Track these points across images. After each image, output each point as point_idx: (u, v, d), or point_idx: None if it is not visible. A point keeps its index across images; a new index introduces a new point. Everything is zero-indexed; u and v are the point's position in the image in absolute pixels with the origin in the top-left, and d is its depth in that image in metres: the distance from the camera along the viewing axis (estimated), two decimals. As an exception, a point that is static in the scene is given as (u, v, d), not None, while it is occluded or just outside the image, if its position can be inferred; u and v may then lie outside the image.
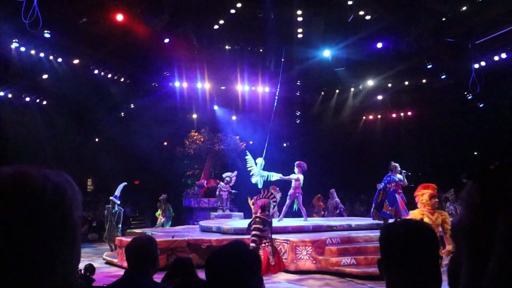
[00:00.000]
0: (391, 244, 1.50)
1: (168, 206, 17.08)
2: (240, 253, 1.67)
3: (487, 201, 0.62)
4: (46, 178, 0.81)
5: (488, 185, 0.62)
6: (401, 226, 1.55)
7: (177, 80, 20.36)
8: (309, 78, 21.96)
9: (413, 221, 1.58)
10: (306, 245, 10.08)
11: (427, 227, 1.53)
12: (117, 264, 11.25)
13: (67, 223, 0.82)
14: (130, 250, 2.78)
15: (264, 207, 7.75)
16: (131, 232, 13.62)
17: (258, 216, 7.78)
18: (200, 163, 20.98)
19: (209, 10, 16.32)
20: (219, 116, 22.44)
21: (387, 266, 1.49)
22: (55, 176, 0.84)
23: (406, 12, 15.54)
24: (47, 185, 0.80)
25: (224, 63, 19.28)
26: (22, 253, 0.76)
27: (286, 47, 17.94)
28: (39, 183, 0.80)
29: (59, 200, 0.81)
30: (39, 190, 0.79)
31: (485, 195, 0.62)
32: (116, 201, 13.42)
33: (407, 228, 1.52)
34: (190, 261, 4.09)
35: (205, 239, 10.76)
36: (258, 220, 7.70)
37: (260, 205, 7.76)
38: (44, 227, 0.78)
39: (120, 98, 20.72)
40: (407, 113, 23.82)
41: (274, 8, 16.08)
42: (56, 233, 0.80)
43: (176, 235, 11.48)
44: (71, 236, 0.83)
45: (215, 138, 20.78)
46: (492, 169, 0.63)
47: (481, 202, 0.63)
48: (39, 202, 0.78)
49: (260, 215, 7.71)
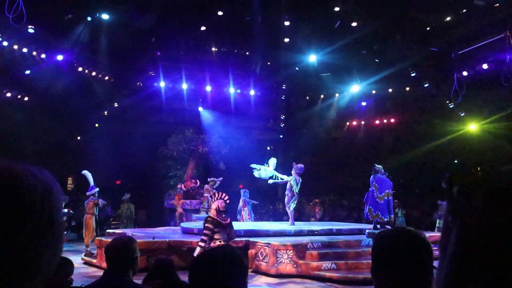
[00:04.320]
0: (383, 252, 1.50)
1: (130, 206, 17.03)
2: (226, 257, 1.66)
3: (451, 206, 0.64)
4: (34, 176, 0.80)
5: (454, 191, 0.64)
6: (394, 235, 1.55)
7: (162, 81, 20.25)
8: (294, 83, 22.07)
9: (406, 230, 1.57)
10: (287, 249, 10.10)
11: (420, 236, 1.53)
12: (96, 264, 11.11)
13: (54, 221, 0.81)
14: (110, 250, 2.74)
15: (218, 208, 7.71)
16: (111, 233, 13.46)
17: (209, 216, 7.76)
18: (183, 164, 20.88)
19: (197, 11, 16.29)
20: (204, 118, 22.38)
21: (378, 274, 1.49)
22: (41, 174, 0.82)
23: (391, 21, 15.74)
24: (37, 183, 0.79)
25: (210, 65, 19.26)
26: (10, 252, 0.75)
27: (272, 51, 18.01)
28: (29, 181, 0.78)
29: (47, 199, 0.80)
30: (30, 189, 0.78)
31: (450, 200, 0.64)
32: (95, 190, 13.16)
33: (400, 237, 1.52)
34: (171, 262, 4.06)
35: (186, 241, 10.70)
36: (209, 220, 7.66)
37: (215, 207, 7.73)
38: (32, 226, 0.77)
39: (104, 96, 20.51)
40: (390, 120, 24.08)
41: (261, 12, 16.13)
42: (44, 232, 0.78)
43: (157, 236, 11.39)
44: (57, 235, 0.82)
45: (199, 139, 20.70)
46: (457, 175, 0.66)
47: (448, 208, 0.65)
48: (29, 201, 0.77)
49: (213, 215, 7.68)
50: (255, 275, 10.22)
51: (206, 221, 7.69)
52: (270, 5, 16.11)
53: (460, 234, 0.61)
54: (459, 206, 0.63)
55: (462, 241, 0.61)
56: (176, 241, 10.94)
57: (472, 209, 0.60)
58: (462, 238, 0.61)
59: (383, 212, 11.63)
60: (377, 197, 11.74)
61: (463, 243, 0.61)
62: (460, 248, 0.61)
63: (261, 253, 10.43)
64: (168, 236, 11.58)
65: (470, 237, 0.60)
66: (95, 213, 13.13)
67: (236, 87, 21.43)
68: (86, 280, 8.08)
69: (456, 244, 0.61)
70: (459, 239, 0.61)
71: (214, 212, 7.78)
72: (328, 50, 17.55)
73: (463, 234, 0.61)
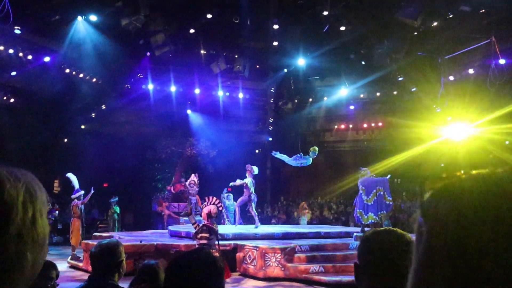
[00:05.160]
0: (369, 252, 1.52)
1: (113, 210, 16.97)
2: (200, 259, 1.66)
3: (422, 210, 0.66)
4: (17, 178, 0.79)
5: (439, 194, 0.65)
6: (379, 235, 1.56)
7: (150, 83, 20.14)
8: (283, 86, 22.12)
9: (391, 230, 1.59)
10: (275, 252, 10.09)
11: (404, 236, 1.55)
12: (83, 268, 11.00)
13: (37, 224, 0.80)
14: (95, 254, 2.72)
15: (210, 214, 7.70)
16: (98, 236, 13.33)
17: (205, 225, 7.73)
18: (171, 167, 20.79)
19: (186, 13, 16.27)
20: (192, 121, 22.31)
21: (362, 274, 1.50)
22: (23, 176, 0.81)
23: (379, 25, 15.87)
24: (19, 186, 0.78)
25: (199, 67, 19.21)
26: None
27: (261, 55, 18.04)
28: (11, 183, 0.78)
29: (30, 201, 0.79)
30: (11, 191, 0.77)
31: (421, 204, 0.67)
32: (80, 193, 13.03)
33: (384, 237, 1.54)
34: (158, 266, 4.03)
35: (174, 244, 10.66)
36: (205, 228, 7.65)
37: (207, 212, 7.71)
38: (15, 228, 0.76)
39: (91, 98, 20.33)
40: (377, 124, 24.24)
41: (250, 15, 16.16)
42: (27, 235, 0.78)
43: (145, 239, 11.32)
44: (41, 237, 0.81)
45: (187, 142, 20.63)
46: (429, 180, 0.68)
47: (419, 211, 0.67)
48: (11, 203, 0.76)
49: (207, 223, 7.66)
50: (243, 278, 10.20)
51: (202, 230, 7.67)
52: (259, 9, 16.16)
53: (427, 237, 0.63)
54: (429, 210, 0.64)
55: (428, 245, 0.63)
56: (164, 244, 10.88)
57: (439, 213, 0.62)
58: (429, 242, 0.63)
59: (376, 212, 11.67)
60: (365, 200, 11.82)
61: (429, 246, 0.63)
62: (426, 251, 0.63)
63: (249, 256, 10.41)
64: (156, 239, 11.52)
65: (435, 241, 0.62)
66: (81, 216, 13.00)
67: (224, 90, 21.42)
68: (72, 284, 8.00)
69: (423, 247, 0.63)
70: (426, 243, 0.63)
71: (205, 216, 7.76)
72: (317, 54, 17.63)
73: (430, 237, 0.63)
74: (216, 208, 7.80)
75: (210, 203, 7.87)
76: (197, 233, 7.86)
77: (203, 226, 7.75)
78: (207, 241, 7.59)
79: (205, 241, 7.61)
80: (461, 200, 0.61)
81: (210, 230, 7.63)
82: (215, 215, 7.78)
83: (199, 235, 7.75)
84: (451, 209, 0.61)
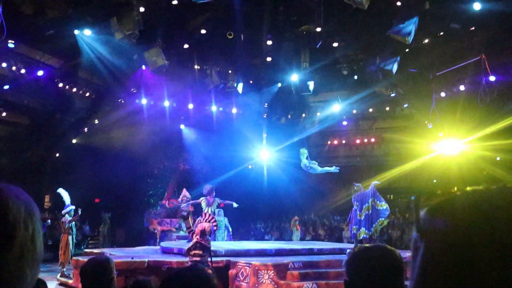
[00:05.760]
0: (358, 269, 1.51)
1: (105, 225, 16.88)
2: (194, 277, 1.64)
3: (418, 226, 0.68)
4: (18, 197, 0.80)
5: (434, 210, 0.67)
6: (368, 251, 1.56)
7: (144, 98, 20.13)
8: (276, 101, 22.21)
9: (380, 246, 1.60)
10: (268, 269, 10.00)
11: (393, 253, 1.55)
12: (72, 285, 10.83)
13: (36, 241, 0.82)
14: (85, 270, 2.67)
15: (204, 231, 7.64)
16: (89, 252, 13.17)
17: (198, 241, 7.68)
18: (163, 182, 20.68)
19: (180, 29, 16.37)
20: (185, 136, 22.28)
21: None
22: (21, 194, 0.83)
23: (371, 42, 16.06)
24: (21, 204, 0.80)
25: (193, 82, 19.26)
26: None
27: (254, 70, 18.14)
28: (14, 202, 0.79)
29: (30, 219, 0.81)
30: (15, 210, 0.78)
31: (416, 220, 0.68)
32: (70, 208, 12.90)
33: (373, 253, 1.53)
34: (150, 283, 3.97)
35: (166, 261, 10.53)
36: (198, 245, 7.60)
37: (200, 229, 7.65)
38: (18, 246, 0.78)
39: (84, 113, 20.28)
40: (370, 140, 24.36)
41: (244, 30, 16.29)
42: (27, 252, 0.79)
43: (136, 256, 11.19)
44: (38, 254, 0.83)
45: (180, 157, 20.56)
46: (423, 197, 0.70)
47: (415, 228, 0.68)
48: (15, 222, 0.77)
49: (199, 240, 7.61)
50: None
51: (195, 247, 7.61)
52: (252, 25, 16.31)
53: (424, 254, 0.64)
54: (424, 226, 0.66)
55: (425, 261, 0.64)
56: (156, 261, 10.74)
57: (435, 230, 0.64)
58: (426, 258, 0.64)
59: (368, 227, 11.65)
60: (358, 215, 11.82)
61: (426, 263, 0.64)
62: (423, 268, 0.64)
63: (241, 273, 10.31)
64: (148, 256, 11.38)
65: (432, 257, 0.63)
66: (72, 232, 12.85)
67: (218, 105, 21.45)
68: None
69: (420, 263, 0.65)
70: (423, 259, 0.64)
71: (198, 232, 7.70)
72: (310, 70, 17.75)
73: (427, 254, 0.64)
74: (210, 226, 7.76)
75: (205, 220, 7.83)
76: (189, 249, 7.78)
77: (196, 243, 7.69)
78: (199, 258, 7.53)
79: (198, 258, 7.54)
80: (457, 216, 0.63)
81: (203, 247, 7.57)
82: (209, 233, 7.73)
83: (192, 251, 7.68)
84: (447, 225, 0.63)
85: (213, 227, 7.94)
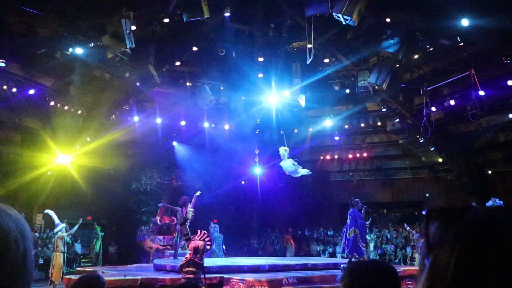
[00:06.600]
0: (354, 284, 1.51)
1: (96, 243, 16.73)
2: None
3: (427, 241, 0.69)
4: (10, 216, 0.80)
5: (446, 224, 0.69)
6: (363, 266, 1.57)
7: (136, 115, 20.08)
8: (268, 117, 22.25)
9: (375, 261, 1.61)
10: (262, 285, 9.92)
11: (388, 267, 1.55)
12: (64, 305, 10.66)
13: (27, 260, 0.81)
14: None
15: (198, 249, 7.59)
16: (81, 270, 12.99)
17: (191, 259, 7.63)
18: (156, 199, 20.55)
19: (172, 46, 16.47)
20: (178, 152, 22.21)
21: None
22: (12, 212, 0.82)
23: (362, 58, 16.25)
24: (12, 224, 0.79)
25: (185, 99, 19.29)
26: None
27: (246, 86, 18.24)
28: (6, 222, 0.78)
29: (22, 239, 0.80)
30: (6, 230, 0.78)
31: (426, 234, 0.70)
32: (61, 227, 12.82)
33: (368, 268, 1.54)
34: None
35: (159, 278, 10.42)
36: (191, 262, 7.55)
37: (194, 246, 7.60)
38: (9, 265, 0.77)
39: (75, 131, 20.15)
40: (362, 154, 24.43)
41: (235, 47, 16.43)
42: (19, 271, 0.79)
43: (129, 274, 11.05)
44: (29, 273, 0.82)
45: (172, 174, 20.48)
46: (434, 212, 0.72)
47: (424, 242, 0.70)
48: (6, 241, 0.77)
49: (193, 257, 7.56)
50: (230, 312, 9.97)
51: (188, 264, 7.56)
52: (244, 42, 16.44)
53: (432, 266, 0.66)
54: (434, 239, 0.68)
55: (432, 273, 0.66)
56: (148, 278, 10.62)
57: (445, 244, 0.66)
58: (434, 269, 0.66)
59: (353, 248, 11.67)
60: (347, 232, 11.85)
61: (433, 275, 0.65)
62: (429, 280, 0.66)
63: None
64: (140, 274, 11.25)
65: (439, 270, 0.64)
66: (63, 251, 12.71)
67: (210, 122, 21.46)
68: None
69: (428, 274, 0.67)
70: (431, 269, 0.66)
71: (191, 248, 7.65)
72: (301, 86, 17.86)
73: (435, 264, 0.66)
74: (204, 244, 7.71)
75: (200, 237, 7.77)
76: (182, 266, 7.71)
77: (189, 261, 7.63)
78: (193, 275, 7.46)
79: (191, 275, 7.48)
80: (467, 230, 0.65)
81: (196, 265, 7.52)
82: (202, 251, 7.69)
83: (185, 269, 7.62)
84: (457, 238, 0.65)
85: (207, 245, 7.89)
